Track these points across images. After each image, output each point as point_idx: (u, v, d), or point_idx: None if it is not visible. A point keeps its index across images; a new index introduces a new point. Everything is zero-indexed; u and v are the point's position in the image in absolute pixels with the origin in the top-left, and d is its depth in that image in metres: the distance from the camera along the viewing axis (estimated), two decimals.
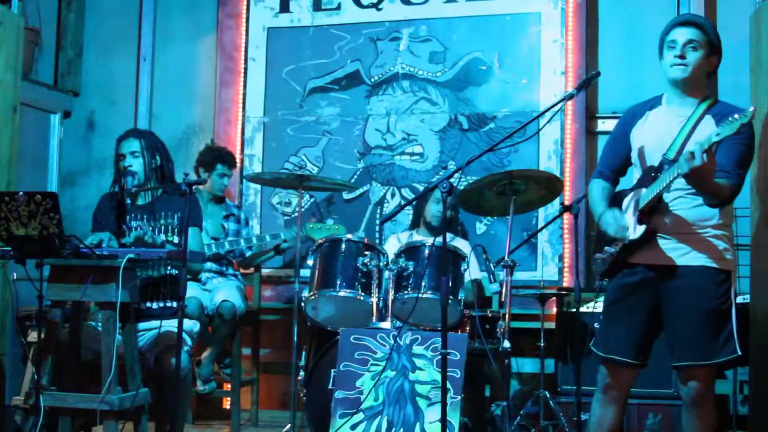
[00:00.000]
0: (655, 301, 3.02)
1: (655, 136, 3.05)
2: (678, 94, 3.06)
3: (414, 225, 4.76)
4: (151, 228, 3.64)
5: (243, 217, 4.96)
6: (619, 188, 3.26)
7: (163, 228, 3.67)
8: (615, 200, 3.16)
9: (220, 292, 4.58)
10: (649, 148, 3.05)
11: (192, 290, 4.24)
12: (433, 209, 4.60)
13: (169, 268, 3.64)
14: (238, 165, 5.28)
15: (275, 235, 4.73)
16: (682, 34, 3.00)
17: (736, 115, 2.66)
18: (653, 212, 2.99)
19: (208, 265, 4.72)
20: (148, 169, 3.68)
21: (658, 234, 2.99)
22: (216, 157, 4.89)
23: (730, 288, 2.99)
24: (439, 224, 4.54)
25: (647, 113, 3.12)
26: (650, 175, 3.00)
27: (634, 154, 3.13)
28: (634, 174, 3.18)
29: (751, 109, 2.68)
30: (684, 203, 2.99)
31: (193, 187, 3.41)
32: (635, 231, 2.99)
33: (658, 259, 3.00)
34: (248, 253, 4.88)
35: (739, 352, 2.95)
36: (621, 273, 3.09)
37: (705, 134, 2.80)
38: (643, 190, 3.00)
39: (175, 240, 3.63)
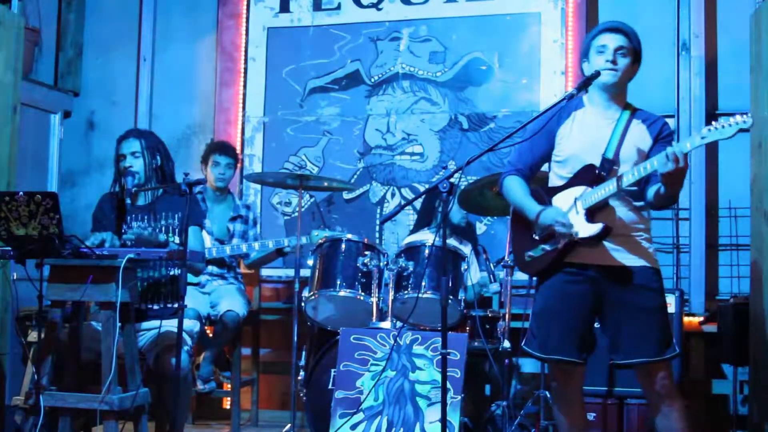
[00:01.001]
0: (597, 300, 3.03)
1: (586, 136, 3.07)
2: (605, 97, 3.09)
3: (425, 224, 4.68)
4: (151, 228, 3.64)
5: (251, 218, 4.94)
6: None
7: (163, 228, 3.67)
8: (538, 200, 3.13)
9: (223, 299, 4.56)
10: (581, 148, 3.06)
11: (190, 295, 4.21)
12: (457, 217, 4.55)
13: (170, 269, 3.64)
14: (239, 163, 5.28)
15: (278, 241, 4.72)
16: (612, 40, 3.04)
17: (735, 119, 2.68)
18: (597, 212, 3.00)
19: (209, 267, 4.72)
20: (149, 170, 3.68)
21: None
22: (210, 149, 4.89)
23: (663, 286, 3.08)
24: (461, 227, 4.51)
25: (573, 113, 3.12)
26: (593, 173, 3.00)
27: (561, 153, 3.11)
28: (553, 172, 3.17)
29: (749, 116, 2.69)
30: (621, 205, 3.03)
31: (195, 187, 3.40)
32: (587, 229, 2.98)
33: (601, 260, 3.01)
34: (252, 253, 4.86)
35: (678, 350, 3.05)
36: (559, 272, 3.06)
37: (639, 136, 3.00)
38: (587, 188, 3.01)
39: (177, 240, 3.63)
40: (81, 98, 5.76)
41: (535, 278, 3.24)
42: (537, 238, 3.11)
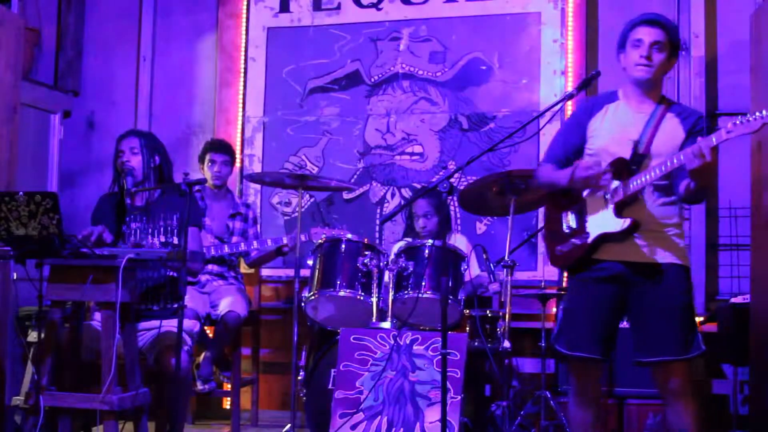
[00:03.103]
0: (622, 297, 3.03)
1: (618, 129, 3.05)
2: (638, 92, 3.07)
3: (408, 233, 4.70)
4: (149, 229, 3.63)
5: (251, 216, 4.94)
6: None
7: (161, 229, 3.66)
8: (567, 194, 3.12)
9: (224, 300, 4.56)
10: (611, 141, 3.04)
11: (190, 295, 4.21)
12: (418, 224, 4.56)
13: (168, 270, 3.63)
14: (238, 164, 5.29)
15: (277, 239, 4.71)
16: (648, 34, 3.01)
17: (760, 113, 2.65)
18: (626, 206, 2.98)
19: (209, 267, 4.71)
20: (147, 168, 3.68)
21: None
22: (206, 147, 4.89)
23: (692, 284, 3.07)
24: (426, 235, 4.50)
25: (606, 106, 3.11)
26: (624, 167, 2.98)
27: (592, 146, 3.09)
28: None
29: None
30: (652, 200, 3.01)
31: (195, 187, 3.40)
32: (615, 223, 2.97)
33: (628, 256, 3.00)
34: (252, 252, 4.85)
35: (704, 348, 3.01)
36: (588, 268, 3.06)
37: (671, 130, 2.96)
38: (615, 182, 2.99)
39: (175, 241, 3.62)
40: (81, 98, 5.76)
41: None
42: (567, 232, 3.10)
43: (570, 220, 3.13)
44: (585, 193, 3.08)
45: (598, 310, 3.04)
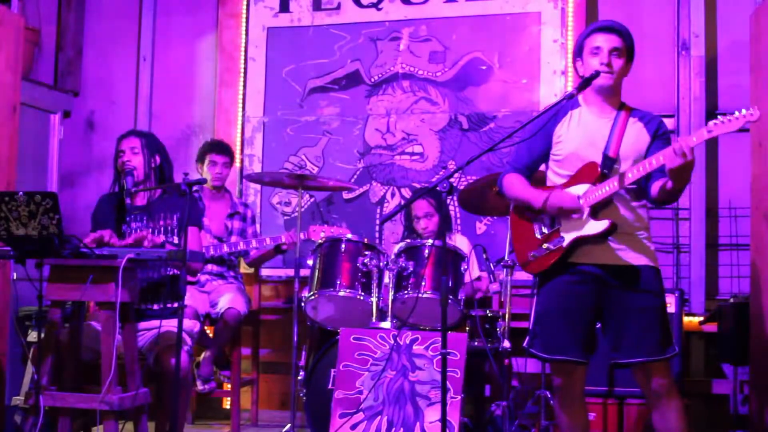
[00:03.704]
0: (598, 299, 3.04)
1: (585, 135, 3.08)
2: (600, 98, 3.10)
3: (408, 233, 4.70)
4: (150, 229, 3.63)
5: (249, 215, 4.95)
6: None
7: (162, 229, 3.67)
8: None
9: (223, 298, 4.57)
10: (579, 147, 3.07)
11: (190, 294, 4.22)
12: (420, 225, 4.56)
13: (168, 269, 3.64)
14: (238, 165, 5.29)
15: (275, 238, 4.71)
16: (606, 41, 3.05)
17: (741, 112, 2.69)
18: (601, 210, 3.01)
19: (209, 266, 4.72)
20: (148, 168, 3.68)
21: None
22: (206, 148, 4.88)
23: (663, 286, 3.10)
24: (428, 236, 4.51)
25: (570, 112, 3.14)
26: (595, 172, 3.01)
27: (560, 152, 3.12)
28: (551, 171, 3.18)
29: (756, 108, 2.69)
30: (622, 204, 3.04)
31: (195, 187, 3.40)
32: (593, 226, 2.99)
33: (603, 259, 3.02)
34: (251, 250, 4.85)
35: (677, 350, 3.07)
36: (562, 272, 3.06)
37: (636, 134, 3.02)
38: (590, 186, 3.01)
39: (175, 241, 3.63)
40: (81, 98, 5.76)
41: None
42: (539, 237, 3.12)
43: (542, 226, 3.14)
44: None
45: (576, 312, 3.05)
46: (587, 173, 3.04)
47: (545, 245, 3.09)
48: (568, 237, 3.04)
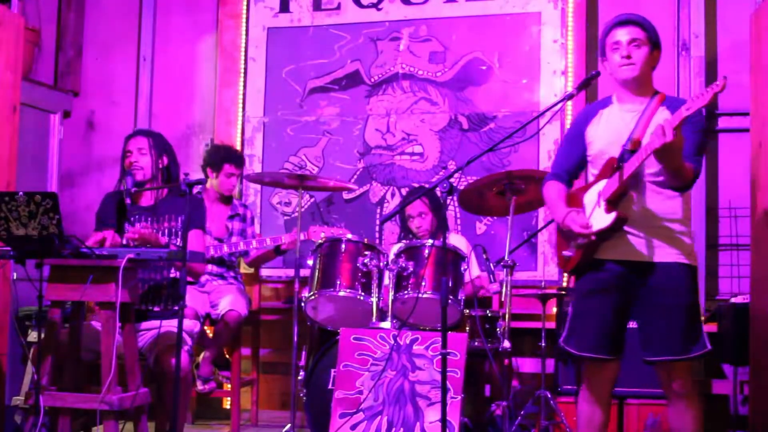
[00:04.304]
0: (626, 296, 3.03)
1: (611, 131, 3.07)
2: (628, 92, 3.09)
3: (404, 233, 4.70)
4: (153, 230, 3.63)
5: (249, 216, 4.95)
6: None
7: (166, 231, 3.66)
8: (572, 201, 3.16)
9: (224, 299, 4.57)
10: (606, 144, 3.07)
11: (189, 295, 4.21)
12: (414, 224, 4.57)
13: (169, 272, 3.63)
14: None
15: (275, 238, 4.71)
16: (624, 34, 3.03)
17: (707, 88, 2.69)
18: (621, 203, 2.99)
19: (209, 267, 4.71)
20: (155, 168, 3.68)
21: (628, 230, 3.00)
22: (223, 157, 4.82)
23: (697, 283, 3.06)
24: (423, 235, 4.51)
25: (600, 112, 3.14)
26: (612, 166, 3.01)
27: (591, 152, 3.13)
28: (589, 172, 3.19)
29: (724, 79, 2.68)
30: (652, 196, 3.01)
31: (198, 187, 3.40)
32: (601, 220, 2.98)
33: (629, 255, 3.01)
34: (251, 251, 4.85)
35: (709, 347, 3.01)
36: (591, 269, 3.08)
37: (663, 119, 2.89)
38: (605, 180, 3.01)
39: (179, 242, 3.62)
40: (81, 98, 5.76)
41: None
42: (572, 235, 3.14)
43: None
44: (586, 197, 3.10)
45: (603, 310, 3.04)
46: (607, 169, 3.02)
47: (574, 243, 3.10)
48: (591, 232, 3.03)
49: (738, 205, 4.67)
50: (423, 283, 3.86)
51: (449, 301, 3.65)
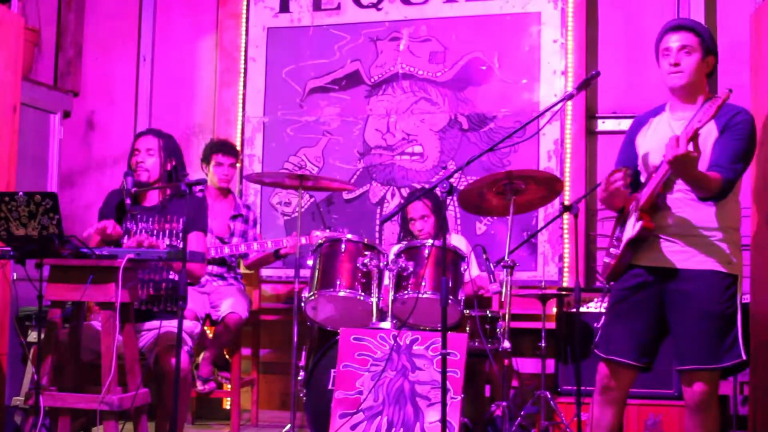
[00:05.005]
0: (659, 303, 3.02)
1: (656, 141, 3.03)
2: (678, 100, 3.06)
3: (404, 235, 4.69)
4: (155, 230, 3.63)
5: (252, 218, 4.94)
6: None
7: (168, 232, 3.66)
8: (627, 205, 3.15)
9: (225, 301, 4.56)
10: (652, 153, 3.04)
11: (189, 295, 4.20)
12: (416, 227, 4.56)
13: (170, 274, 3.63)
14: (238, 164, 5.28)
15: (276, 242, 4.70)
16: (674, 41, 3.00)
17: (718, 96, 2.69)
18: (655, 212, 2.98)
19: (209, 268, 4.71)
20: (162, 170, 3.66)
21: (662, 236, 2.99)
22: (211, 148, 4.86)
23: (736, 292, 2.98)
24: (425, 238, 4.51)
25: (651, 120, 3.13)
26: (651, 175, 3.01)
27: (639, 162, 3.12)
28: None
29: (728, 91, 2.68)
30: (688, 204, 2.98)
31: (199, 187, 3.39)
32: (632, 228, 2.99)
33: (658, 261, 3.00)
34: (251, 253, 4.85)
35: (744, 357, 2.95)
36: (624, 275, 3.09)
37: (707, 131, 2.86)
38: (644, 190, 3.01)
39: (180, 245, 3.62)
40: (81, 98, 5.76)
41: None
42: (614, 244, 3.14)
43: (616, 233, 3.17)
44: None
45: (633, 316, 3.04)
46: (648, 178, 3.01)
47: (612, 250, 3.12)
48: (623, 240, 3.05)
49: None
50: (423, 283, 3.86)
51: (449, 301, 3.65)
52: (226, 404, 5.02)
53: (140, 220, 3.66)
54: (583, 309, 4.29)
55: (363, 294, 3.95)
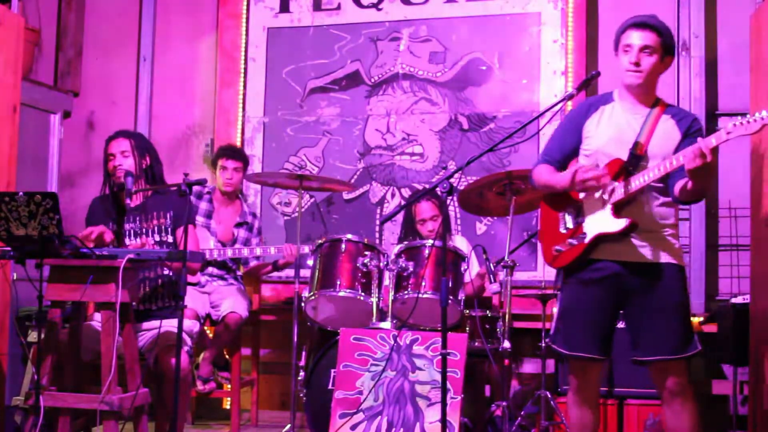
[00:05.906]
0: (619, 296, 3.04)
1: (613, 130, 3.06)
2: (632, 96, 3.08)
3: (408, 236, 4.68)
4: (143, 229, 3.63)
5: (256, 226, 4.92)
6: None
7: (156, 228, 3.66)
8: (565, 196, 3.15)
9: (225, 301, 4.56)
10: (611, 142, 3.05)
11: (189, 295, 4.20)
12: (426, 228, 4.56)
13: (163, 268, 3.63)
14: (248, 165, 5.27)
15: (279, 249, 4.68)
16: (637, 38, 3.01)
17: (760, 114, 2.66)
18: (624, 207, 3.00)
19: (209, 268, 4.71)
20: (139, 169, 3.66)
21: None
22: (218, 153, 4.88)
23: (687, 284, 3.10)
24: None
25: (602, 107, 3.12)
26: (621, 168, 3.00)
27: (588, 147, 3.11)
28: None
29: (762, 119, 2.68)
30: (650, 201, 3.03)
31: (206, 189, 3.39)
32: (612, 224, 2.98)
33: (631, 256, 3.01)
34: (252, 262, 4.85)
35: (699, 347, 3.02)
36: (584, 268, 3.07)
37: (667, 132, 2.98)
38: (615, 182, 3.00)
39: (170, 239, 3.63)
40: (81, 98, 5.76)
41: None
42: (564, 232, 3.13)
43: (567, 221, 3.15)
44: (582, 194, 3.09)
45: (596, 309, 3.05)
46: (612, 170, 3.01)
47: (569, 240, 3.09)
48: (590, 233, 3.04)
49: (738, 205, 4.67)
50: (423, 283, 3.86)
51: (449, 301, 3.65)
52: (226, 404, 5.02)
53: (127, 221, 3.66)
54: None
55: (363, 294, 3.95)
